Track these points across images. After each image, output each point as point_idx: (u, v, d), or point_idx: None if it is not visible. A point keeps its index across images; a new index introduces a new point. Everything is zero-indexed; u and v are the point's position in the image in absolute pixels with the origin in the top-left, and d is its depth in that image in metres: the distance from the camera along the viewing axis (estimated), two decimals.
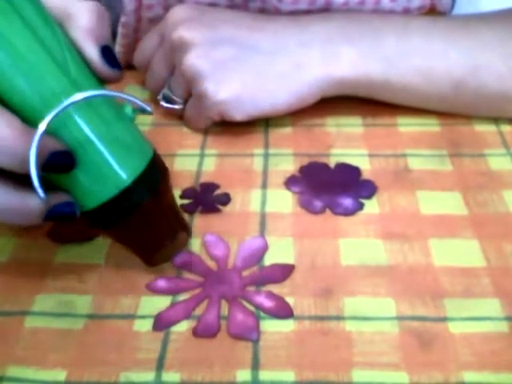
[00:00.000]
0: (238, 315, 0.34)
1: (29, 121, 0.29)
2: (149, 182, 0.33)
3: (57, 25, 0.32)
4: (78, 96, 0.29)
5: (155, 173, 0.34)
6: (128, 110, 0.33)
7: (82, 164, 0.30)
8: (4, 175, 0.29)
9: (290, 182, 0.43)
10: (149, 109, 0.33)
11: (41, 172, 0.29)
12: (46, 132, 0.28)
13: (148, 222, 0.34)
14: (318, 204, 0.41)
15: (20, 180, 0.29)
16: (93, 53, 0.32)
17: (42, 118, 0.28)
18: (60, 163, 0.29)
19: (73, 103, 0.29)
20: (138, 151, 0.33)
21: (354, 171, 0.43)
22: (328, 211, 0.40)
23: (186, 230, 0.37)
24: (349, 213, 0.40)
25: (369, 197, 0.41)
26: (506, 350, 0.32)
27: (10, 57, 0.29)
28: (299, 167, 0.44)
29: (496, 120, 0.48)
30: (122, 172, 0.32)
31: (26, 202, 0.29)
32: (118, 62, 0.34)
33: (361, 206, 0.40)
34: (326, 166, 0.44)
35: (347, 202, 0.41)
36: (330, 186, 0.42)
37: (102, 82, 0.34)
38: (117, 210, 0.32)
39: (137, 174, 0.32)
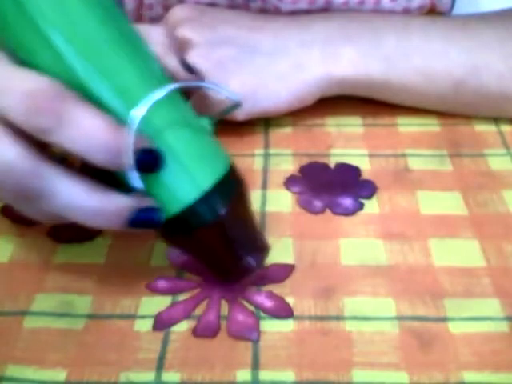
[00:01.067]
0: (238, 315, 0.34)
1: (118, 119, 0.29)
2: (227, 192, 0.32)
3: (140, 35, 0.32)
4: (163, 90, 0.29)
5: (231, 185, 0.33)
6: (205, 121, 0.33)
7: (165, 166, 0.30)
8: (90, 176, 0.29)
9: (289, 182, 0.43)
10: (236, 99, 0.33)
11: (136, 171, 0.28)
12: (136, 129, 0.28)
13: (223, 235, 0.32)
14: (317, 204, 0.41)
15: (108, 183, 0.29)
16: (174, 64, 0.33)
17: (127, 117, 0.29)
18: (149, 161, 0.29)
19: (163, 97, 0.29)
20: (217, 159, 0.32)
21: (354, 171, 0.43)
22: (328, 211, 0.40)
23: (266, 248, 0.34)
24: (349, 213, 0.40)
25: (369, 197, 0.41)
26: (506, 350, 0.32)
27: (96, 58, 0.29)
28: (299, 167, 0.44)
29: (496, 120, 0.48)
30: (201, 177, 0.31)
31: (113, 202, 0.29)
32: (195, 72, 0.35)
33: (361, 206, 0.40)
34: (326, 166, 0.44)
35: (347, 202, 0.41)
36: (330, 186, 0.42)
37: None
38: (195, 218, 0.31)
39: (215, 180, 0.31)
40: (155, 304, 0.34)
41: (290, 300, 0.35)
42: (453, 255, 0.37)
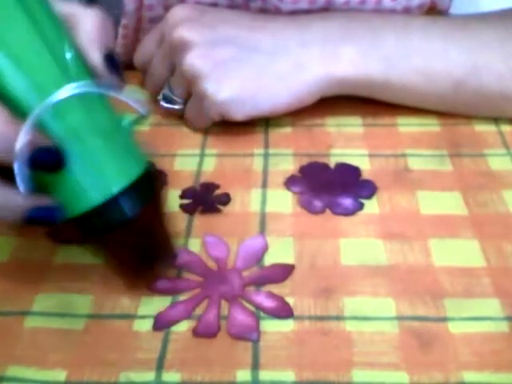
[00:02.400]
0: (238, 315, 0.34)
1: (20, 114, 0.28)
2: (138, 195, 0.32)
3: (63, 25, 0.32)
4: (69, 89, 0.29)
5: (147, 187, 0.33)
6: (126, 121, 0.33)
7: (72, 165, 0.30)
8: None
9: (289, 182, 0.43)
10: (143, 111, 0.32)
11: (27, 169, 0.28)
12: (36, 127, 0.28)
13: (133, 237, 0.32)
14: (318, 204, 0.41)
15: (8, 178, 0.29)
16: (96, 59, 0.32)
17: (32, 110, 0.28)
18: (47, 160, 0.29)
19: (68, 97, 0.29)
20: (133, 161, 0.32)
21: (354, 171, 0.43)
22: (328, 211, 0.40)
23: (170, 255, 0.35)
24: (349, 213, 0.40)
25: (369, 197, 0.41)
26: (506, 350, 0.32)
27: (3, 45, 0.29)
28: (299, 167, 0.44)
29: (496, 120, 0.48)
30: (112, 179, 0.31)
31: (9, 198, 0.29)
32: (120, 70, 0.33)
33: (361, 206, 0.40)
34: (325, 166, 0.44)
35: (347, 202, 0.41)
36: (330, 186, 0.42)
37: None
38: (102, 219, 0.31)
39: (126, 183, 0.31)
40: (155, 304, 0.34)
41: (290, 300, 0.35)
42: (453, 255, 0.37)
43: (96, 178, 0.31)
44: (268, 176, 0.43)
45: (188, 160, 0.45)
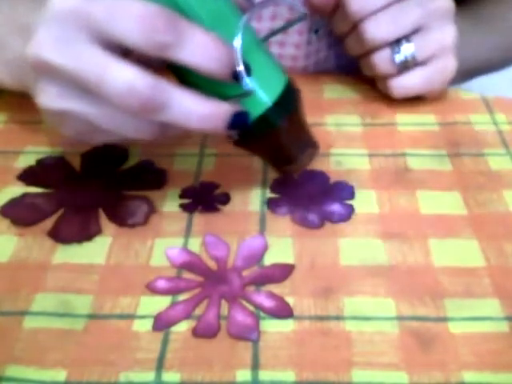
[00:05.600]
0: (238, 315, 0.34)
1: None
2: (290, 99, 0.37)
3: None
4: (248, 15, 0.34)
5: (293, 91, 0.38)
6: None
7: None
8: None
9: (273, 206, 0.41)
10: (302, 10, 0.37)
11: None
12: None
13: (290, 135, 0.38)
14: (314, 218, 0.40)
15: None
16: None
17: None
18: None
19: (246, 21, 0.34)
20: (280, 72, 0.37)
21: (321, 177, 0.43)
22: (328, 222, 0.40)
23: (316, 145, 0.40)
24: (345, 218, 0.40)
25: (352, 197, 0.41)
26: (506, 350, 0.32)
27: None
28: (271, 185, 0.42)
29: (496, 120, 0.48)
30: (277, 84, 0.36)
31: (217, 108, 0.33)
32: None
33: (352, 209, 0.40)
34: (292, 178, 0.43)
35: (338, 208, 0.40)
36: (313, 198, 0.41)
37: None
38: (266, 122, 0.36)
39: (282, 89, 0.36)
40: (155, 304, 0.34)
41: (290, 300, 0.35)
42: (453, 255, 0.37)
43: (264, 86, 0.35)
44: (268, 176, 0.43)
45: (188, 160, 0.45)
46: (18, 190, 0.42)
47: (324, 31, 0.54)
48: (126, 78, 0.31)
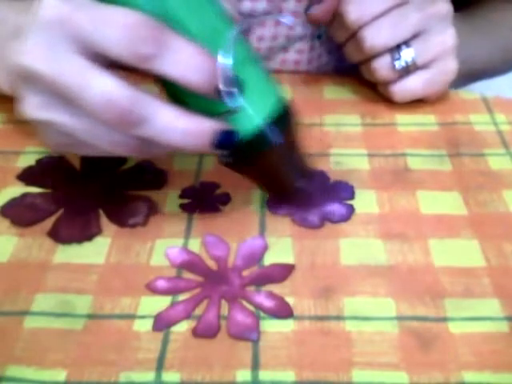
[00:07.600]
0: (238, 315, 0.34)
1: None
2: (283, 120, 0.35)
3: None
4: (238, 28, 0.32)
5: (288, 113, 0.36)
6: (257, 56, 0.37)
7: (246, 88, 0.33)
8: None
9: (273, 208, 0.41)
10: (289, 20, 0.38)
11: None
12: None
13: (282, 159, 0.36)
14: (314, 219, 0.40)
15: None
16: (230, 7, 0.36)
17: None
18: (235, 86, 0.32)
19: (237, 34, 0.32)
20: (275, 92, 0.35)
21: (321, 177, 0.43)
22: (328, 223, 0.40)
23: (308, 174, 0.39)
24: (345, 218, 0.40)
25: (352, 197, 0.41)
26: (506, 350, 0.32)
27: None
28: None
29: (496, 120, 0.48)
30: (269, 104, 0.34)
31: (200, 124, 0.32)
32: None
33: (352, 209, 0.40)
34: None
35: (338, 208, 0.40)
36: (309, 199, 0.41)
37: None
38: (256, 143, 0.34)
39: (277, 109, 0.35)
40: (155, 304, 0.34)
41: (290, 300, 0.35)
42: (453, 255, 0.37)
43: (257, 106, 0.34)
44: None
45: (188, 159, 0.45)
46: (17, 190, 0.42)
47: (326, 36, 0.54)
48: (104, 88, 0.30)
